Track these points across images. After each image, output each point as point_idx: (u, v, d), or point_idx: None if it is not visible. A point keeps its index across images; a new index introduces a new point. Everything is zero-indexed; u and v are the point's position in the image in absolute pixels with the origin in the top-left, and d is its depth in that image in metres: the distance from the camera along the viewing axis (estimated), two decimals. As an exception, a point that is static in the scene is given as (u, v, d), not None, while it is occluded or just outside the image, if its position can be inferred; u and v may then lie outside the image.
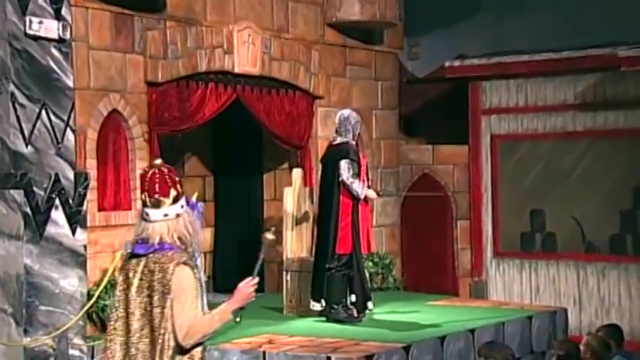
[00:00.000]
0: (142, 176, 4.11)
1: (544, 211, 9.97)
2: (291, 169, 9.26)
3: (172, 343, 3.99)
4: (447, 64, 10.30)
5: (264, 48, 9.01)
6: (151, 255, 4.00)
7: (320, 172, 8.02)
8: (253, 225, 9.96)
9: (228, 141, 10.07)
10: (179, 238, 4.07)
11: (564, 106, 9.86)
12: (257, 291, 4.12)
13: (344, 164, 7.67)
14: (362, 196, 7.74)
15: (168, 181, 4.10)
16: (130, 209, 7.97)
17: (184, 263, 3.99)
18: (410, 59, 10.97)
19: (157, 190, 4.05)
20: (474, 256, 10.12)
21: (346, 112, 7.98)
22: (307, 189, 8.91)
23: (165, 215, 4.06)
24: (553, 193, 9.87)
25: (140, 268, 4.02)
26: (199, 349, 4.10)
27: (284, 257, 8.55)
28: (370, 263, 9.70)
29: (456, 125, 10.03)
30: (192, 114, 8.51)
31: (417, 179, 10.79)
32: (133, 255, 4.08)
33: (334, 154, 7.78)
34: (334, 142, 7.87)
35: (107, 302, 7.20)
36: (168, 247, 4.01)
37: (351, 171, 7.68)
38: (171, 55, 8.27)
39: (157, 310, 3.99)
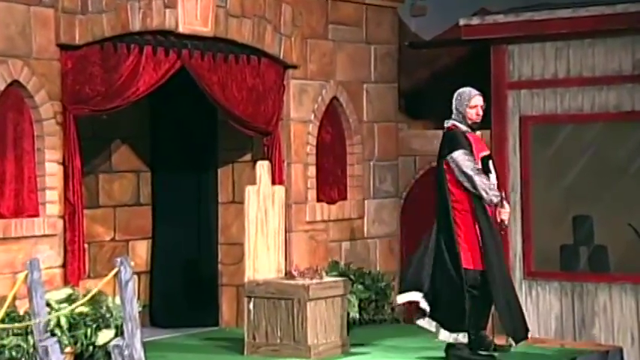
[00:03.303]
0: None
1: (591, 217, 9.99)
2: (254, 161, 9.25)
3: None
4: (461, 22, 10.30)
5: (218, 0, 9.01)
6: None
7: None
8: (204, 236, 10.07)
9: (170, 125, 10.12)
10: None
11: (619, 78, 9.85)
12: (209, 324, 3.84)
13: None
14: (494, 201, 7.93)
15: None
16: (38, 215, 8.04)
17: None
18: (413, 16, 11.13)
19: None
20: (498, 277, 10.00)
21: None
22: (277, 188, 8.98)
23: None
24: (603, 193, 9.86)
25: None
26: None
27: (245, 279, 8.62)
28: (360, 287, 9.81)
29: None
30: (121, 88, 8.51)
31: (423, 175, 10.81)
32: None
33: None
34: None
35: (5, 342, 7.16)
36: None
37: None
38: (92, 9, 8.27)
39: None
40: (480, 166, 7.97)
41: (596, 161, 9.92)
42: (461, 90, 8.21)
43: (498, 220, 7.98)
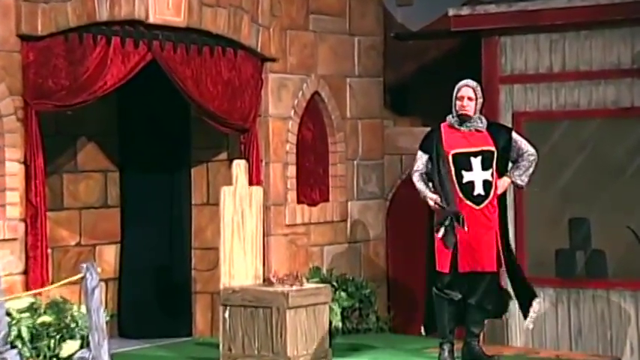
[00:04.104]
0: None
1: (588, 219, 9.98)
2: (230, 161, 9.27)
3: None
4: (451, 12, 10.28)
5: (191, -12, 9.14)
6: None
7: None
8: (177, 240, 10.07)
9: (140, 121, 10.11)
10: None
11: (618, 72, 9.84)
12: (182, 334, 3.84)
13: None
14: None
15: None
16: (-3, 219, 8.02)
17: None
18: (399, 6, 11.05)
19: None
20: (489, 283, 10.08)
21: None
22: (254, 189, 9.00)
23: None
24: (601, 194, 9.85)
25: None
26: None
27: (220, 286, 8.64)
28: (343, 294, 9.85)
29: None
30: (87, 82, 8.50)
31: (409, 175, 10.64)
32: None
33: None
34: None
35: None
36: None
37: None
38: (56, -3, 8.31)
39: None
40: (448, 164, 8.15)
41: (593, 160, 9.90)
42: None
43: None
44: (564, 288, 9.95)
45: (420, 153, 8.40)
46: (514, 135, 8.52)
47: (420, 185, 8.37)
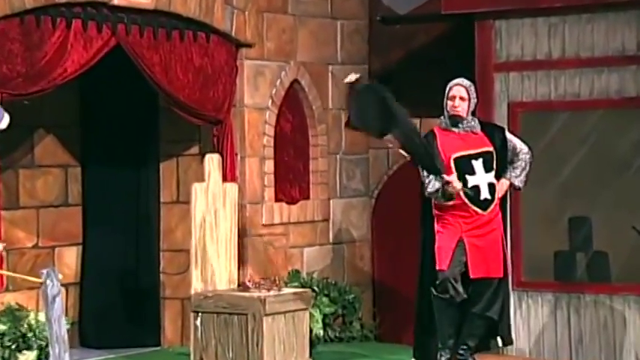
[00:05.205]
0: None
1: (590, 219, 9.98)
2: (202, 155, 9.37)
3: None
4: None
5: (159, -34, 9.20)
6: None
7: None
8: (144, 242, 10.07)
9: (103, 112, 10.14)
10: None
11: (622, 59, 9.84)
12: (149, 344, 3.82)
13: None
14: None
15: None
16: (-54, 218, 8.08)
17: None
18: None
19: None
20: (483, 287, 10.23)
21: None
22: (228, 185, 9.06)
23: None
24: (604, 191, 9.86)
25: None
26: None
27: (191, 291, 8.70)
28: (325, 300, 9.89)
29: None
30: (46, 69, 8.52)
31: (397, 171, 10.83)
32: None
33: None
34: None
35: None
36: None
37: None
38: (10, -25, 8.34)
39: None
40: (450, 170, 8.20)
41: (595, 155, 9.90)
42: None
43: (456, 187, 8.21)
44: (564, 293, 9.94)
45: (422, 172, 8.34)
46: (508, 134, 8.61)
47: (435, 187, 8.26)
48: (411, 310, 9.88)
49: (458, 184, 8.11)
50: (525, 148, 8.54)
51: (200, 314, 8.56)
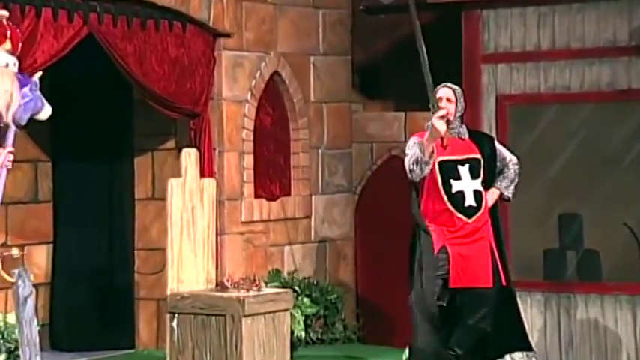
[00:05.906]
0: None
1: (580, 215, 10.00)
2: (179, 149, 9.35)
3: None
4: None
5: (133, -47, 9.21)
6: None
7: None
8: (117, 240, 10.08)
9: (75, 105, 10.06)
10: None
11: (614, 50, 9.86)
12: (123, 346, 3.83)
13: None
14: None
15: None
16: None
17: None
18: None
19: None
20: (470, 287, 10.24)
21: None
22: (206, 181, 9.05)
23: None
24: (595, 187, 9.87)
25: None
26: None
27: (167, 291, 8.69)
28: (306, 300, 9.86)
29: (441, 80, 9.58)
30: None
31: (381, 165, 10.86)
32: None
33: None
34: None
35: None
36: None
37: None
38: (-22, -38, 8.31)
39: None
40: (434, 173, 8.22)
41: (585, 149, 9.93)
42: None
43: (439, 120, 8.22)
44: (553, 292, 9.97)
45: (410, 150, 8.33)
46: (496, 144, 8.65)
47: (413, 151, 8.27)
48: (396, 310, 9.92)
49: (442, 126, 8.16)
50: (514, 159, 8.58)
51: (176, 315, 8.54)
